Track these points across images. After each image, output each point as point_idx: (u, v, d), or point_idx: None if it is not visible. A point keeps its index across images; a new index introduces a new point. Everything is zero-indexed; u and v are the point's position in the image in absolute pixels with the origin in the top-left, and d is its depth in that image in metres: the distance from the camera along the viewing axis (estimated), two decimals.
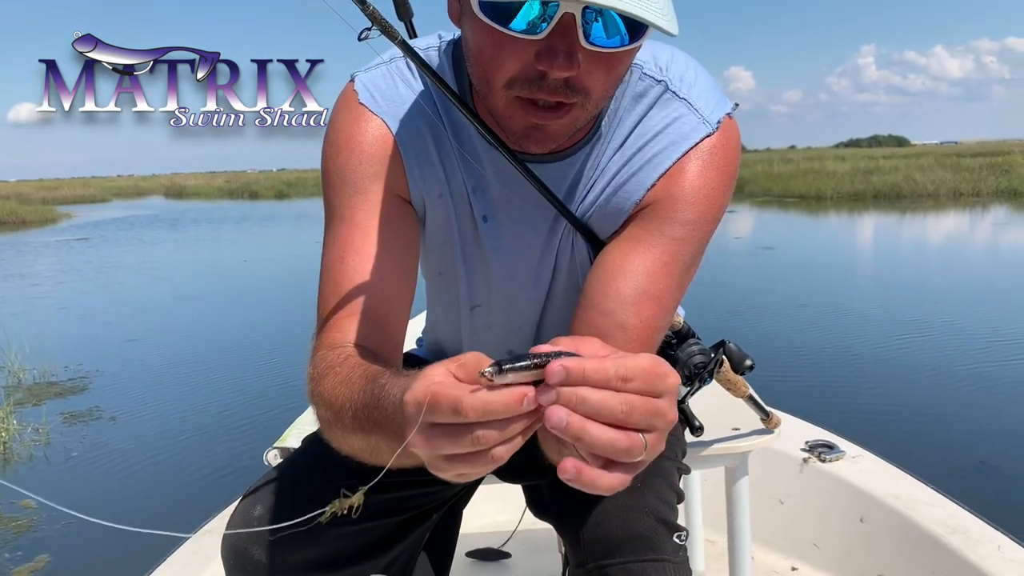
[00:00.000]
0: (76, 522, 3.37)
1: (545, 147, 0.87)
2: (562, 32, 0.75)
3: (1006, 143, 73.48)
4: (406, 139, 0.98)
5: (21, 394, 5.35)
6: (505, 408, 0.53)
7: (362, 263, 0.95)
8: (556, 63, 0.76)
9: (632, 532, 0.91)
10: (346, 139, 0.98)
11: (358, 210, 0.97)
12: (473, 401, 0.53)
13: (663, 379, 0.55)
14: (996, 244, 12.29)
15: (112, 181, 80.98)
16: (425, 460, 0.59)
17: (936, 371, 5.14)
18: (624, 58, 0.83)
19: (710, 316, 6.71)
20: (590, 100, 0.83)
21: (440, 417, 0.55)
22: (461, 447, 0.55)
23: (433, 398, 0.55)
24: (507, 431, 0.54)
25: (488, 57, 0.81)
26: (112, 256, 14.73)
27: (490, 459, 0.55)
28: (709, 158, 0.95)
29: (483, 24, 0.78)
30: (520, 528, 1.82)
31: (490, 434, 0.54)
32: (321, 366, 0.88)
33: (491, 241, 1.04)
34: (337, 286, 0.95)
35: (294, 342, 6.30)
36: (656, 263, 0.93)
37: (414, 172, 0.99)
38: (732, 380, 1.30)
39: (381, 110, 0.98)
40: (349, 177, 0.97)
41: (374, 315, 0.94)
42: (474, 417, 0.53)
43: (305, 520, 0.75)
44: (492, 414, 0.53)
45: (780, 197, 23.39)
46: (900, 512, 1.83)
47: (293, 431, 1.54)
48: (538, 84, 0.80)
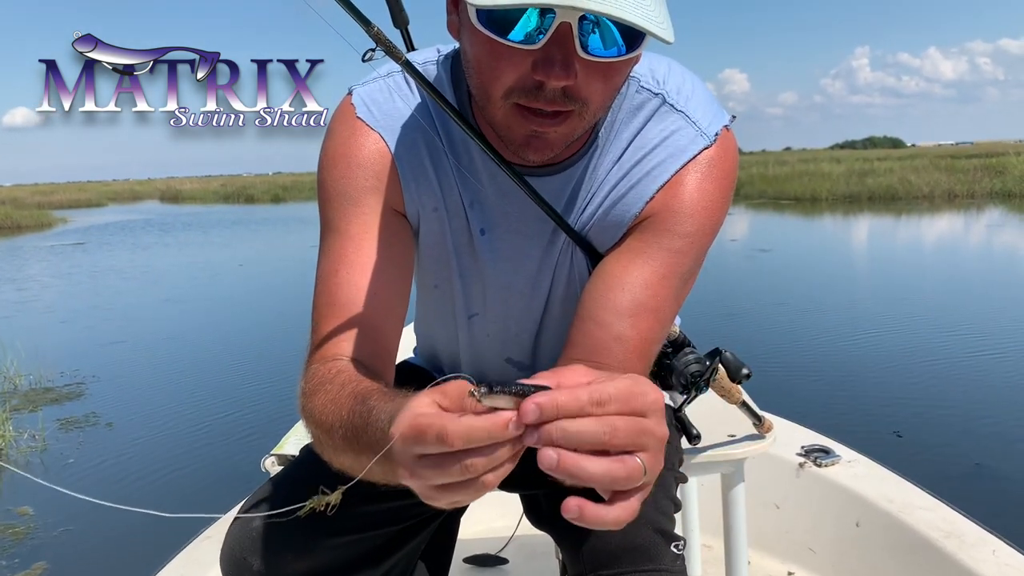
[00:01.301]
0: (74, 529, 3.37)
1: (544, 156, 0.88)
2: (559, 42, 0.77)
3: (1001, 143, 73.68)
4: (402, 153, 0.99)
5: (17, 400, 5.34)
6: (490, 434, 0.53)
7: (356, 276, 0.95)
8: (553, 73, 0.77)
9: (630, 543, 0.91)
10: (342, 152, 0.99)
11: (352, 223, 0.97)
12: (458, 428, 0.53)
13: (642, 397, 0.55)
14: (991, 246, 12.32)
15: (108, 185, 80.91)
16: (417, 491, 0.59)
17: (932, 375, 5.15)
18: (621, 68, 0.83)
19: (706, 319, 6.73)
20: (588, 109, 0.83)
21: (426, 448, 0.55)
22: (450, 476, 0.55)
23: (418, 430, 0.55)
24: (494, 457, 0.54)
25: (487, 67, 0.82)
26: (107, 261, 14.70)
27: (481, 486, 0.56)
28: (707, 170, 0.96)
29: (481, 35, 0.79)
30: (518, 534, 1.83)
31: (478, 461, 0.54)
32: (313, 382, 0.88)
33: (488, 253, 1.04)
34: (331, 299, 0.95)
35: (291, 347, 6.29)
36: (654, 275, 0.94)
37: (410, 186, 1.00)
38: (726, 387, 1.31)
39: (378, 124, 0.99)
40: (344, 190, 0.98)
41: (367, 328, 0.95)
42: (460, 445, 0.53)
43: (285, 513, 0.77)
44: (477, 440, 0.53)
45: (775, 199, 23.43)
46: (895, 516, 1.84)
47: (291, 438, 1.55)
48: (536, 94, 0.80)
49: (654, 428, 0.55)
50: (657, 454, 0.56)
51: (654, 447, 0.55)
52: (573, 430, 0.52)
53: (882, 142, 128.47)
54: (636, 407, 0.54)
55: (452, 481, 0.55)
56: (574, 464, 0.52)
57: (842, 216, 18.53)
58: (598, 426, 0.52)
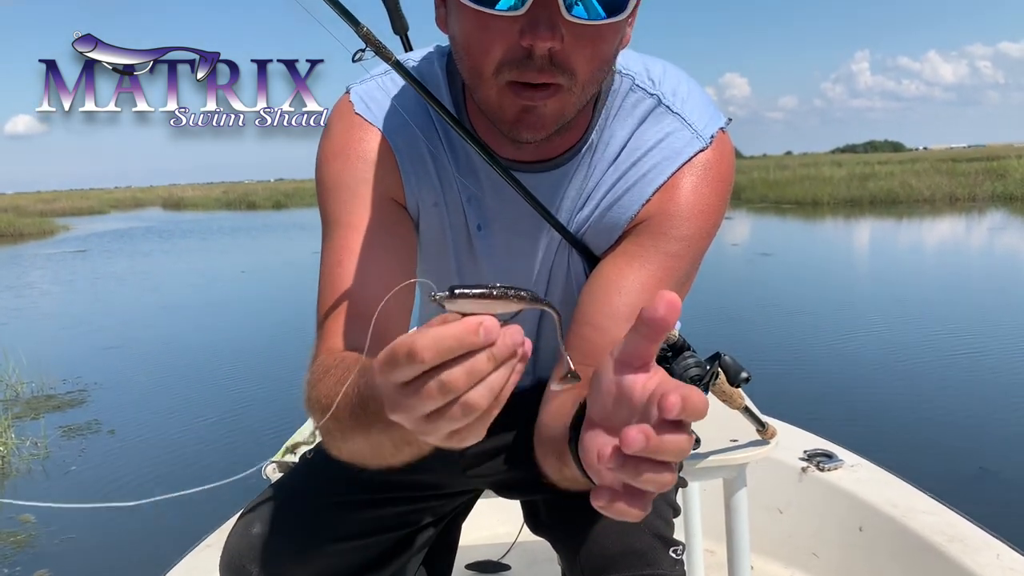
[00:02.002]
0: (76, 537, 3.37)
1: (537, 133, 0.87)
2: (543, 4, 0.78)
3: (1007, 146, 73.60)
4: (402, 147, 0.99)
5: (19, 408, 5.34)
6: (459, 341, 0.49)
7: (360, 265, 0.94)
8: (539, 34, 0.78)
9: (629, 547, 0.91)
10: (342, 146, 0.99)
11: (354, 214, 0.97)
12: (425, 340, 0.49)
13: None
14: (993, 249, 12.32)
15: (110, 193, 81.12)
16: (411, 429, 0.55)
17: (935, 378, 5.14)
18: (607, 35, 0.83)
19: (707, 323, 6.72)
20: (576, 82, 0.83)
21: (400, 371, 0.51)
22: (433, 399, 0.51)
23: (390, 353, 0.52)
24: (473, 370, 0.50)
25: (476, 43, 0.83)
26: (109, 268, 14.72)
27: (469, 408, 0.51)
28: (703, 173, 0.96)
29: (468, 11, 0.80)
30: (519, 540, 1.82)
31: (454, 374, 0.50)
32: (319, 371, 0.86)
33: (485, 250, 1.04)
34: (335, 290, 0.94)
35: (292, 354, 6.29)
36: (651, 279, 0.94)
37: (410, 179, 0.99)
38: (727, 392, 1.31)
39: (377, 120, 0.99)
40: (345, 182, 0.98)
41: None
42: (431, 358, 0.49)
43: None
44: (448, 350, 0.49)
45: (777, 203, 23.43)
46: (899, 521, 1.84)
47: (291, 445, 1.55)
48: (526, 64, 0.81)
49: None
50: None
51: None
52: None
53: (883, 146, 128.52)
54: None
55: (436, 406, 0.52)
56: (658, 442, 0.50)
57: (843, 220, 18.54)
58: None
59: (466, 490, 1.19)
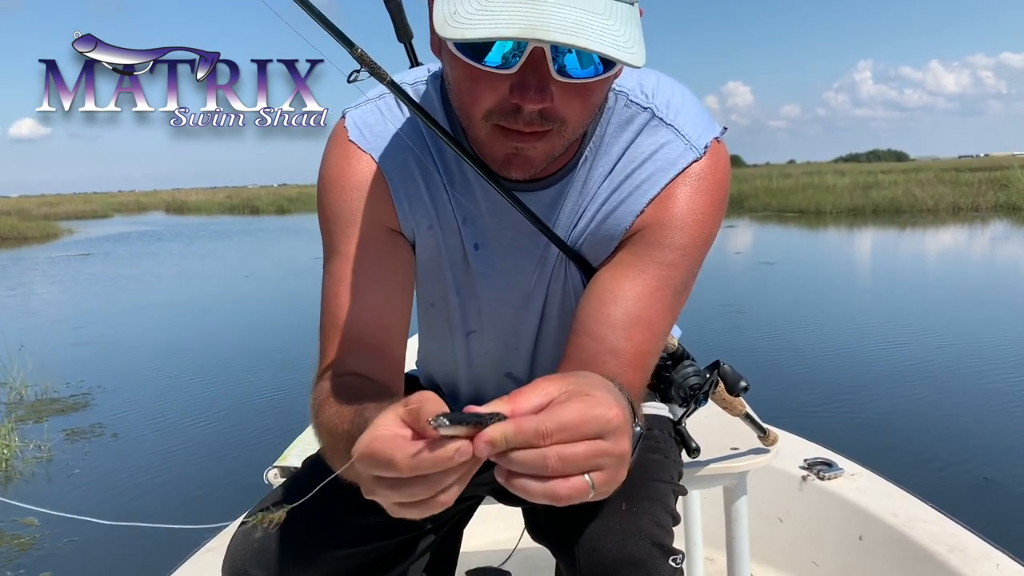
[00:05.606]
0: (79, 540, 3.37)
1: (525, 173, 0.89)
2: (533, 66, 0.78)
3: (1010, 156, 73.49)
4: (393, 174, 1.01)
5: (23, 411, 5.35)
6: (435, 465, 0.57)
7: (355, 295, 0.99)
8: (528, 97, 0.79)
9: (628, 556, 0.91)
10: (336, 176, 1.02)
11: (350, 243, 1.01)
12: (405, 459, 0.57)
13: (595, 421, 0.58)
14: (996, 259, 12.30)
15: (114, 197, 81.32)
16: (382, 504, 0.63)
17: (936, 387, 5.13)
18: (598, 88, 0.84)
19: (709, 332, 6.72)
20: (567, 128, 0.85)
21: (378, 471, 0.60)
22: (403, 497, 0.60)
23: (370, 455, 0.60)
24: (441, 484, 0.59)
25: (466, 90, 0.84)
26: (113, 272, 14.75)
27: (435, 504, 0.60)
28: (697, 183, 0.96)
29: (459, 60, 0.81)
30: (520, 547, 1.83)
31: (423, 489, 0.59)
32: (320, 396, 0.93)
33: (482, 268, 1.06)
34: (334, 318, 1.00)
35: (296, 359, 6.31)
36: (647, 288, 0.95)
37: (403, 205, 1.02)
38: (728, 400, 1.32)
39: (369, 146, 1.01)
40: (339, 212, 1.01)
41: (371, 344, 0.98)
42: (408, 473, 0.58)
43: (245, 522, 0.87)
44: (424, 470, 0.58)
45: (780, 212, 23.43)
46: (899, 530, 1.84)
47: (294, 450, 1.55)
48: (515, 116, 0.82)
49: (609, 448, 0.59)
50: (615, 471, 0.60)
51: (611, 464, 0.60)
52: (527, 461, 0.57)
53: (886, 155, 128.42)
54: (588, 431, 0.58)
55: (406, 500, 0.60)
56: (519, 485, 0.58)
57: (846, 229, 18.51)
58: (545, 457, 0.57)
59: (467, 497, 1.20)
